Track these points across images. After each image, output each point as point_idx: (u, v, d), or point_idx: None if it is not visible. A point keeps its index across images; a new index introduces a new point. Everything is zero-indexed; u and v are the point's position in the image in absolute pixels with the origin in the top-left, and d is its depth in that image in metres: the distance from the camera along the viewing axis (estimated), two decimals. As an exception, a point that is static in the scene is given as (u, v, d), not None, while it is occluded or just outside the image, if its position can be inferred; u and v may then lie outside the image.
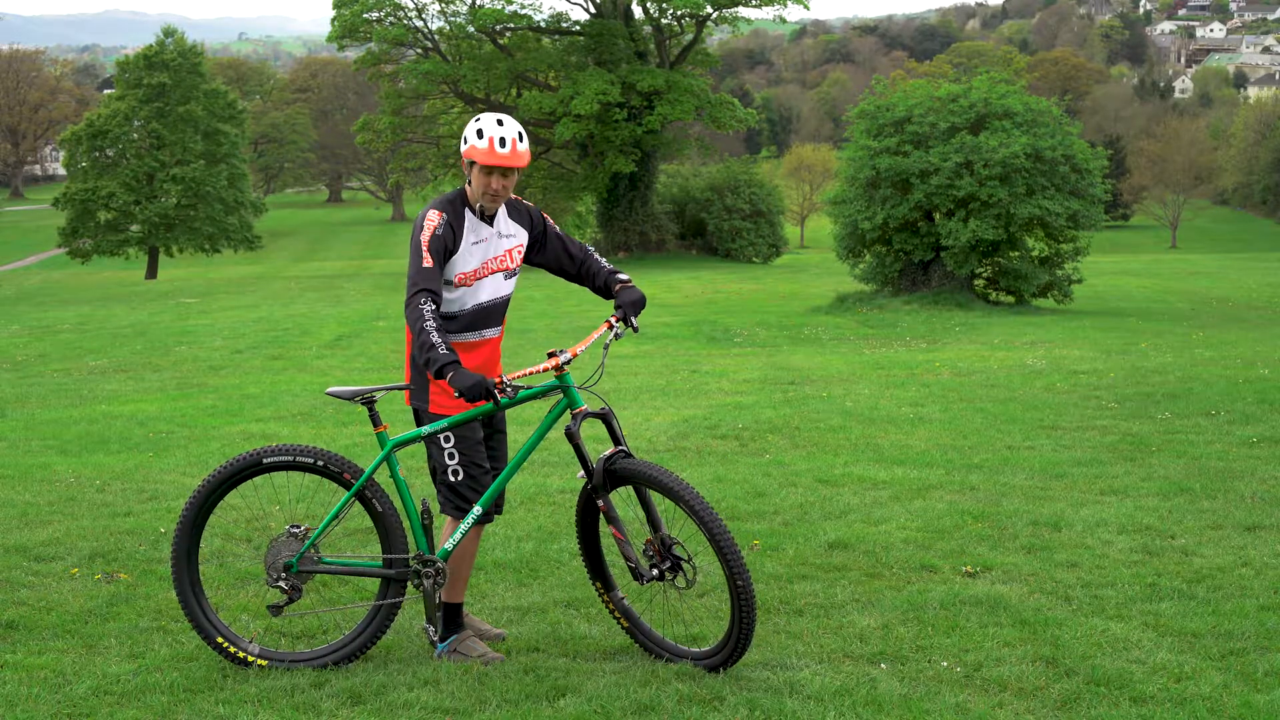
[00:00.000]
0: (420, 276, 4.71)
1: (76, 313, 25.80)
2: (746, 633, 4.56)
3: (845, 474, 8.06)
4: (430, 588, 4.85)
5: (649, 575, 4.74)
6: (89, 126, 51.87)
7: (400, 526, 4.89)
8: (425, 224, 4.79)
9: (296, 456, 4.88)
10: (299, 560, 4.88)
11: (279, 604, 4.90)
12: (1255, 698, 4.31)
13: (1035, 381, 12.17)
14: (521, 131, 4.82)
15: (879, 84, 25.14)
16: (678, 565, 4.74)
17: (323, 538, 4.96)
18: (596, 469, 4.76)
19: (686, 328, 19.42)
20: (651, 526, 4.78)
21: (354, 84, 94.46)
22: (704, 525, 4.51)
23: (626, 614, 4.94)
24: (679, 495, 4.55)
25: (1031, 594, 5.51)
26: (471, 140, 4.78)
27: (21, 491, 7.93)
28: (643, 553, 4.78)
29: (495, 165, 4.76)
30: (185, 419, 11.04)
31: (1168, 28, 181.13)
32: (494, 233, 4.95)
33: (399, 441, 4.91)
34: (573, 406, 4.78)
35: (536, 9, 44.89)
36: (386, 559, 4.89)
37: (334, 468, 4.88)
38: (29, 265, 67.07)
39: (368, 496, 4.87)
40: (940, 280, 22.35)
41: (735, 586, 4.52)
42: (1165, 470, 7.99)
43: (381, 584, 4.91)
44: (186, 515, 4.89)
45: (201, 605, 4.88)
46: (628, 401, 11.60)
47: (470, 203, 4.90)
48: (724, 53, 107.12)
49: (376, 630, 4.85)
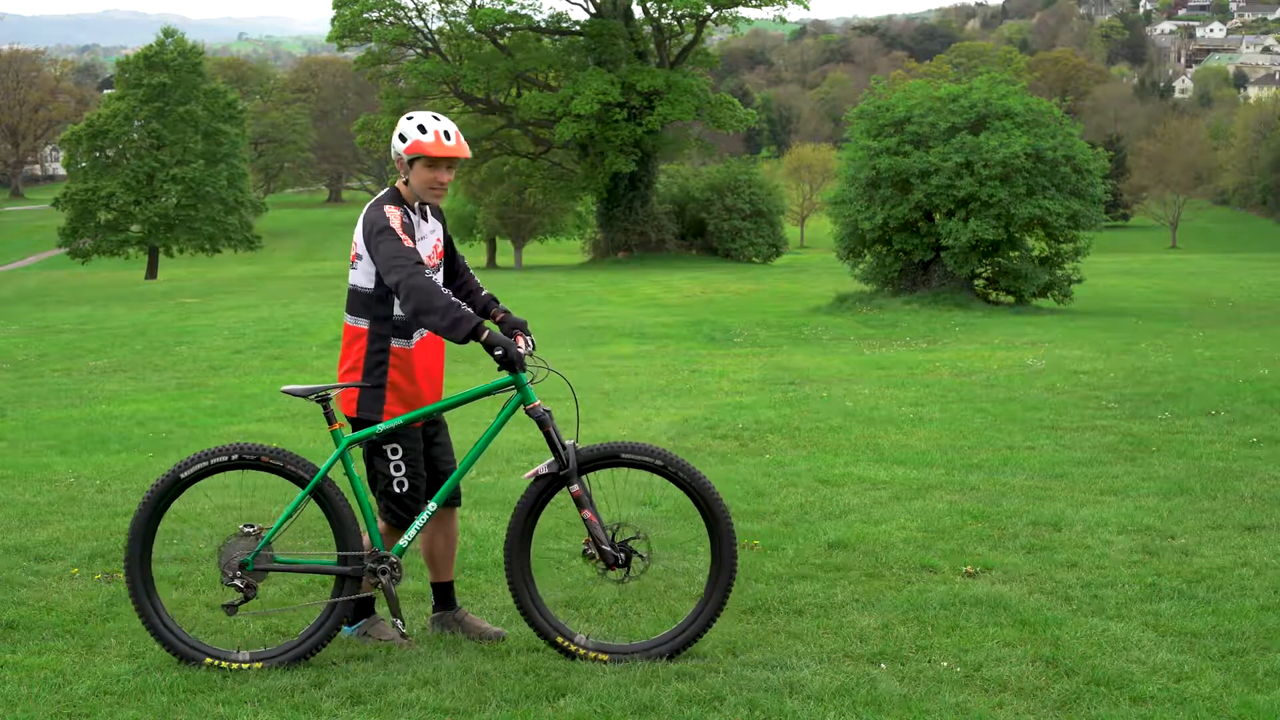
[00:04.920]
0: (410, 252, 4.74)
1: (76, 313, 25.80)
2: (721, 601, 4.82)
3: (845, 474, 8.06)
4: (387, 584, 4.88)
5: (618, 560, 4.83)
6: (89, 126, 51.91)
7: (355, 524, 4.89)
8: (389, 216, 4.83)
9: (249, 455, 4.87)
10: (254, 559, 4.87)
11: (234, 603, 4.90)
12: (1255, 698, 4.31)
13: (1035, 381, 12.17)
14: (457, 128, 5.00)
15: (879, 84, 25.12)
16: (631, 552, 4.88)
17: (277, 536, 4.96)
18: (569, 454, 4.82)
19: (686, 328, 19.43)
20: (599, 522, 4.88)
21: (354, 84, 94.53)
22: (690, 489, 4.81)
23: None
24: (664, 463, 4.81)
25: (1031, 594, 5.51)
26: (415, 136, 4.85)
27: (21, 491, 7.93)
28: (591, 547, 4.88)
29: (444, 156, 4.85)
30: (185, 419, 11.04)
31: (1168, 28, 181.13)
32: (429, 229, 5.05)
33: (354, 439, 4.93)
34: (526, 403, 4.85)
35: (536, 9, 44.96)
36: (341, 556, 4.89)
37: (289, 466, 4.88)
38: (29, 265, 67.11)
39: (322, 494, 4.87)
40: (940, 280, 22.34)
41: (719, 552, 4.81)
42: (1165, 470, 7.98)
43: (336, 581, 4.91)
44: (138, 522, 4.85)
45: (156, 608, 4.86)
46: (628, 401, 11.60)
47: (408, 201, 4.95)
48: (724, 53, 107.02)
49: (332, 628, 4.84)
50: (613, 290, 28.75)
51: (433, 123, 4.87)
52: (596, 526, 4.83)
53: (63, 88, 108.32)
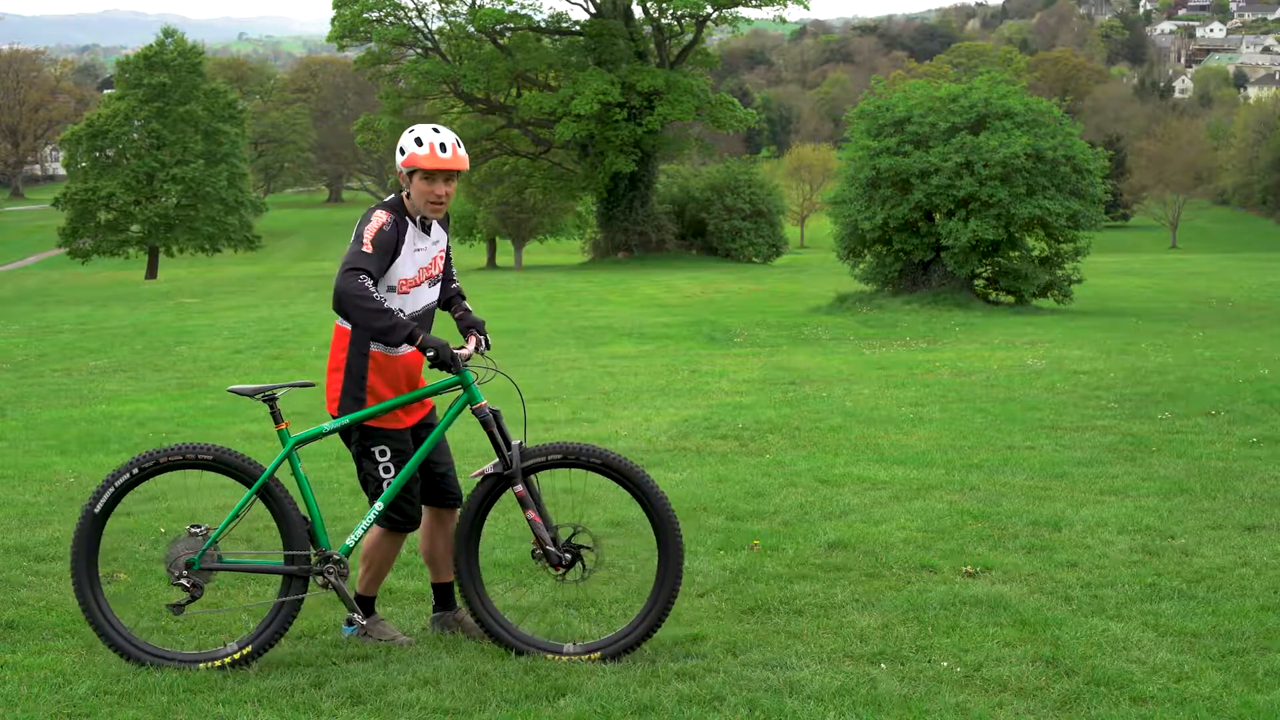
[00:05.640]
0: (358, 258, 4.73)
1: (76, 313, 25.80)
2: (668, 603, 4.79)
3: (845, 474, 8.06)
4: (336, 583, 4.89)
5: (564, 560, 4.85)
6: (89, 126, 51.91)
7: (301, 524, 4.90)
8: (372, 219, 4.82)
9: (195, 455, 4.88)
10: (200, 559, 4.88)
11: (181, 602, 4.91)
12: (1255, 698, 4.30)
13: (1035, 381, 12.17)
14: (458, 139, 4.92)
15: (879, 84, 25.14)
16: (578, 554, 4.89)
17: (224, 535, 4.97)
18: (514, 455, 4.83)
19: (686, 328, 19.43)
20: (545, 523, 4.89)
21: (354, 84, 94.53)
22: (635, 487, 4.79)
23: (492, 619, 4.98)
24: (609, 464, 4.81)
25: (1031, 594, 5.51)
26: (411, 149, 4.83)
27: (21, 491, 7.93)
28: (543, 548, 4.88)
29: (439, 169, 4.81)
30: (185, 419, 11.04)
31: (1168, 28, 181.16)
32: (430, 241, 5.01)
33: (300, 439, 4.94)
34: (473, 402, 4.87)
35: (536, 9, 44.95)
36: (288, 556, 4.90)
37: (236, 465, 4.89)
38: (29, 265, 67.10)
39: (269, 494, 4.87)
40: (940, 280, 22.34)
41: (666, 549, 4.78)
42: (1165, 470, 7.98)
43: (283, 581, 4.91)
44: (83, 523, 4.86)
45: (101, 606, 4.87)
46: (628, 401, 11.59)
47: (410, 214, 4.92)
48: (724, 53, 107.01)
49: (279, 628, 4.83)
50: (613, 290, 28.75)
51: (430, 135, 4.84)
52: (540, 527, 4.85)
53: (63, 88, 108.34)
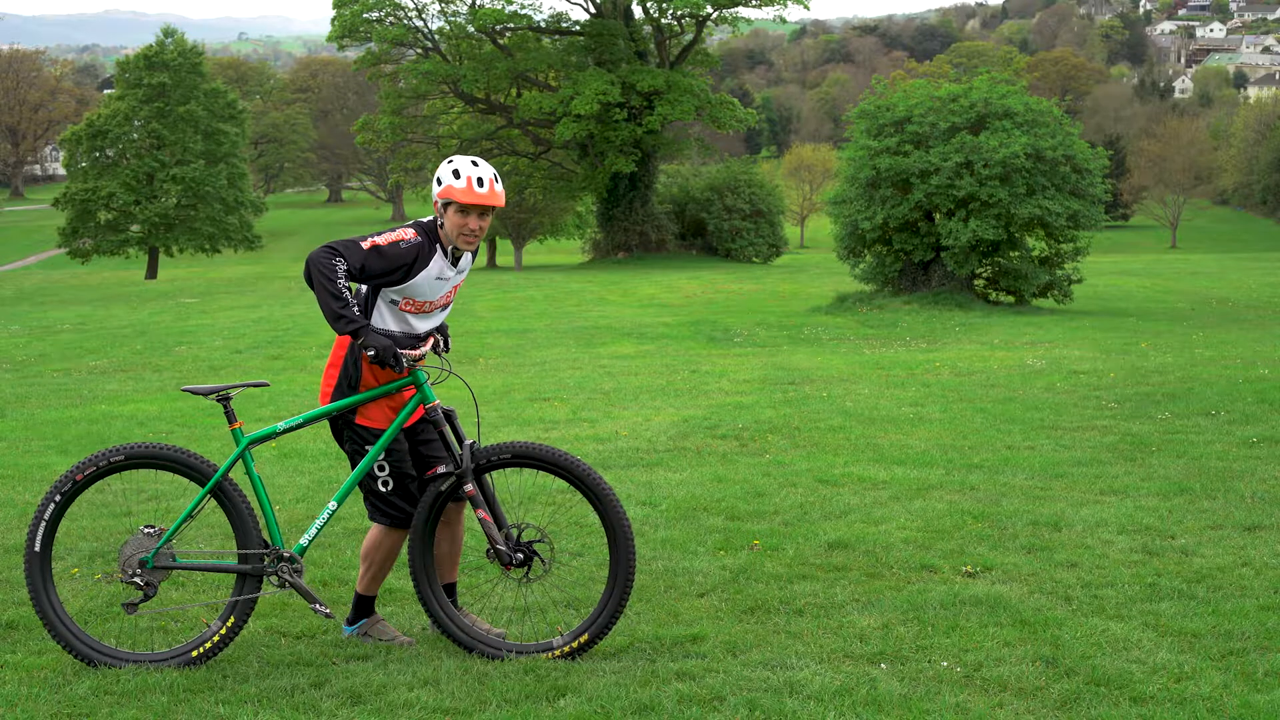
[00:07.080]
0: (346, 244, 4.75)
1: (76, 313, 25.79)
2: (622, 599, 4.78)
3: (845, 474, 8.06)
4: (293, 580, 4.90)
5: (514, 559, 4.86)
6: (89, 126, 51.88)
7: (255, 522, 4.91)
8: (398, 230, 4.86)
9: (151, 455, 4.89)
10: (154, 557, 4.89)
11: (134, 601, 4.92)
12: (1255, 698, 4.31)
13: (1035, 381, 12.17)
14: (496, 174, 4.91)
15: (879, 84, 25.13)
16: (532, 553, 4.89)
17: (177, 534, 4.98)
18: (464, 454, 4.85)
19: (686, 328, 19.42)
20: (497, 523, 4.89)
21: (354, 84, 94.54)
22: (585, 487, 4.82)
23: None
24: (559, 462, 4.84)
25: (1031, 594, 5.51)
26: (448, 181, 4.82)
27: (21, 491, 7.94)
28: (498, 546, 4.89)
29: (474, 204, 4.81)
30: (185, 419, 11.04)
31: (1168, 28, 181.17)
32: (455, 271, 5.00)
33: (254, 438, 4.95)
34: (425, 402, 4.90)
35: (536, 9, 44.91)
36: (241, 554, 4.91)
37: (190, 464, 4.89)
38: (29, 265, 67.10)
39: (222, 493, 4.88)
40: (940, 280, 22.34)
41: (617, 548, 4.79)
42: (1165, 470, 7.99)
43: (237, 580, 4.92)
44: (36, 524, 4.86)
45: (54, 606, 4.87)
46: (628, 401, 11.59)
47: (443, 243, 4.92)
48: (724, 53, 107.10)
49: (234, 628, 4.84)
50: (613, 290, 28.75)
51: (469, 169, 4.83)
52: (491, 526, 4.86)
53: (63, 88, 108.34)
